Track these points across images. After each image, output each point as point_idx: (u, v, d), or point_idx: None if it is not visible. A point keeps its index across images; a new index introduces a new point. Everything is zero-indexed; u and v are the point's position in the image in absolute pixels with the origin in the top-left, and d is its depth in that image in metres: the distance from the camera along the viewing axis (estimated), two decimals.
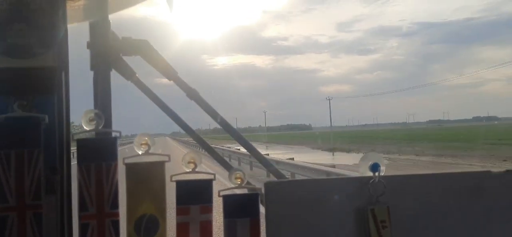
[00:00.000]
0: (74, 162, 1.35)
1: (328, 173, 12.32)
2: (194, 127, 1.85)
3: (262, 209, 1.37)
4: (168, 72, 1.67)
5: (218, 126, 1.81)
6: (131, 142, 1.42)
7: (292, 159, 18.28)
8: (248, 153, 1.87)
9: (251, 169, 19.56)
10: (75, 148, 1.33)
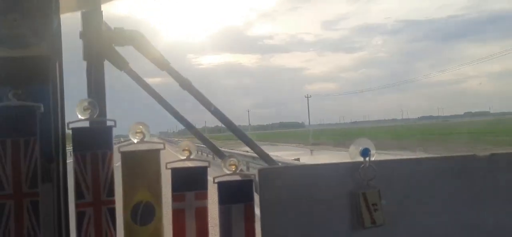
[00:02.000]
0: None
1: None
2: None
3: (256, 196, 1.44)
4: (161, 62, 1.72)
5: (209, 126, 1.87)
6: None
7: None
8: (243, 153, 1.93)
9: (247, 170, 19.87)
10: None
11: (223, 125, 1.85)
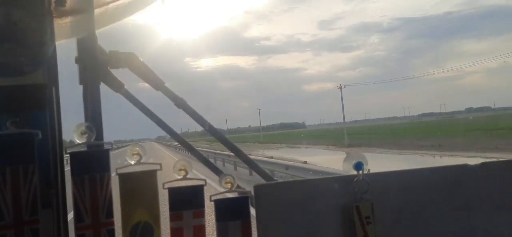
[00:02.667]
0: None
1: None
2: (181, 130, 1.94)
3: (252, 211, 1.48)
4: (155, 82, 1.76)
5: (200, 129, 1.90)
6: (116, 148, 1.51)
7: None
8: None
9: (235, 169, 20.31)
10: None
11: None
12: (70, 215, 1.44)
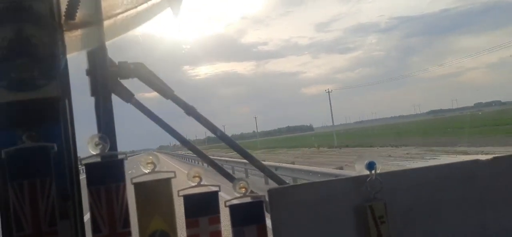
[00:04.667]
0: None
1: None
2: (188, 138, 1.99)
3: (267, 215, 1.53)
4: (165, 91, 1.82)
5: (212, 135, 1.96)
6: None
7: None
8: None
9: (247, 176, 20.36)
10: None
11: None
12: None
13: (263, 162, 1.80)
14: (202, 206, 1.50)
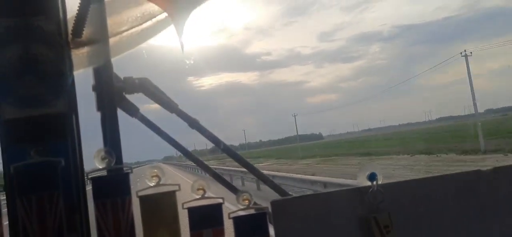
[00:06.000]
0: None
1: None
2: (192, 149, 2.04)
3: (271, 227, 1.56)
4: (169, 105, 1.87)
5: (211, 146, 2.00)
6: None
7: None
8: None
9: (242, 184, 20.76)
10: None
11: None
12: None
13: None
14: (206, 219, 1.54)
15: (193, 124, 1.89)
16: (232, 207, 1.57)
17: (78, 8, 1.59)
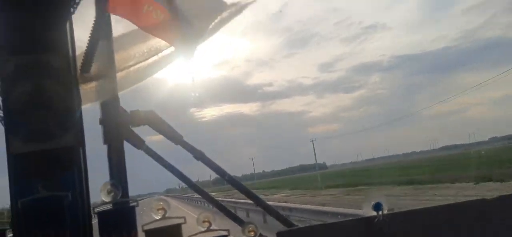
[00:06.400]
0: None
1: None
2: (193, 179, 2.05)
3: None
4: (174, 137, 1.89)
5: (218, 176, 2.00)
6: None
7: None
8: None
9: (247, 216, 19.80)
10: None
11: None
12: None
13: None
14: None
15: (198, 155, 1.90)
16: None
17: (87, 44, 1.64)
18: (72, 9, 1.64)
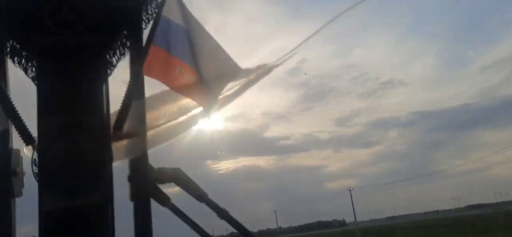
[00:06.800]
0: None
1: None
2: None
3: None
4: (199, 195, 1.92)
5: (234, 230, 1.99)
6: None
7: None
8: None
9: None
10: None
11: None
12: None
13: None
14: None
15: (222, 213, 1.92)
16: None
17: (121, 104, 1.72)
18: (109, 72, 1.74)
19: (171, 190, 1.94)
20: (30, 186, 1.68)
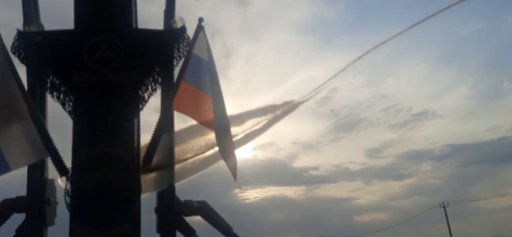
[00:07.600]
0: None
1: None
2: None
3: None
4: (225, 228, 1.94)
5: None
6: None
7: None
8: None
9: None
10: None
11: None
12: None
13: None
14: None
15: None
16: None
17: (151, 138, 1.78)
18: (140, 106, 1.82)
19: (197, 221, 1.98)
20: (62, 215, 1.76)
